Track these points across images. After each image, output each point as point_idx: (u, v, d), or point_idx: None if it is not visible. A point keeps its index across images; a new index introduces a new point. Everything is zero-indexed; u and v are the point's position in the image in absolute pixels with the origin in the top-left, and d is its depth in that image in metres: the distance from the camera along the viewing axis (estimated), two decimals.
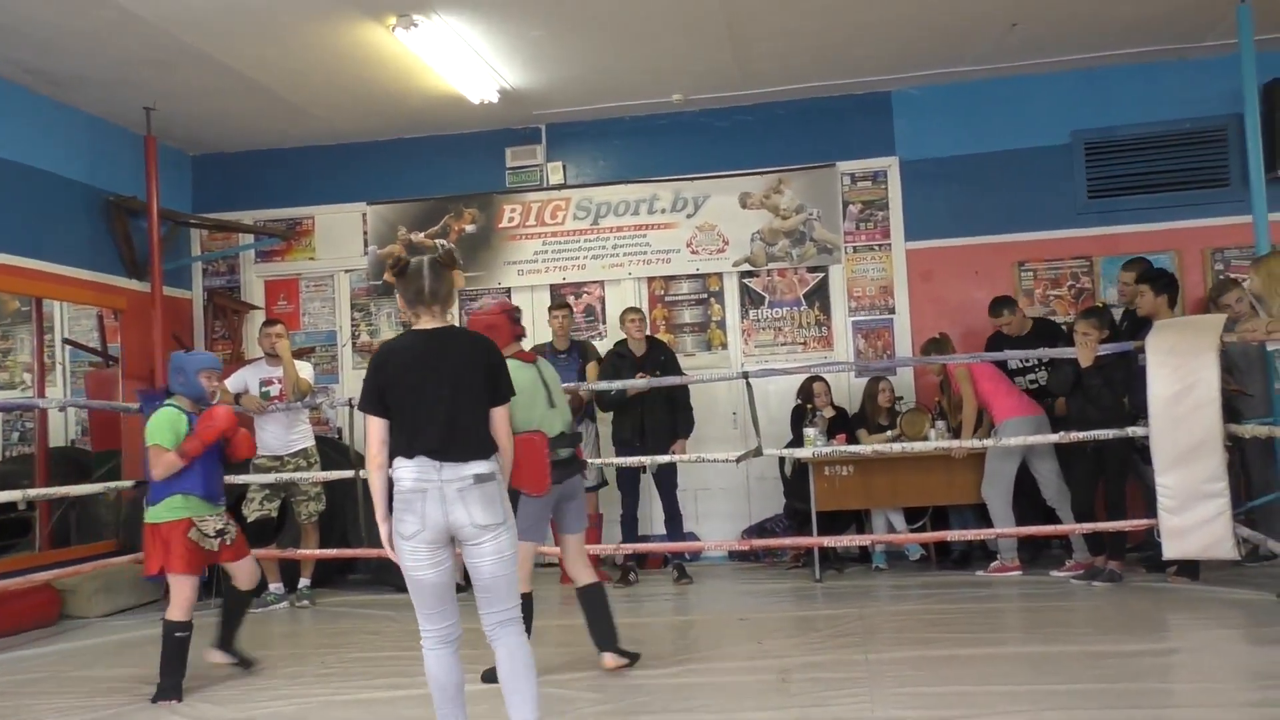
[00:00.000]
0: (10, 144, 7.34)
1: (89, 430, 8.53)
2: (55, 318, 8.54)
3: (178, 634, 4.75)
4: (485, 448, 3.40)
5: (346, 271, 9.14)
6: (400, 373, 3.39)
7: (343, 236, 9.12)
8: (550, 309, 7.84)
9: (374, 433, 3.39)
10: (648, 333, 7.67)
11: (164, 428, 4.80)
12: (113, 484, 7.33)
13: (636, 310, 7.60)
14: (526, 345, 5.13)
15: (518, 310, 5.01)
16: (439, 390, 3.36)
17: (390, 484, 3.40)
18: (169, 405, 4.94)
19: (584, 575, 4.85)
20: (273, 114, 8.21)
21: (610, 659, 4.80)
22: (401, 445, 3.36)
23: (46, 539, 7.55)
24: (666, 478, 7.33)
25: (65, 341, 8.73)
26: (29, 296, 7.67)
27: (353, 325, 9.13)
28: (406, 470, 3.33)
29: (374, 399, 3.41)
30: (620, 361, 7.38)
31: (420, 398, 3.35)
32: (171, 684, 4.70)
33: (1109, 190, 8.04)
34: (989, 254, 8.21)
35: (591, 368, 7.61)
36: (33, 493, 6.87)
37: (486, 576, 3.37)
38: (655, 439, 7.19)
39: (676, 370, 7.46)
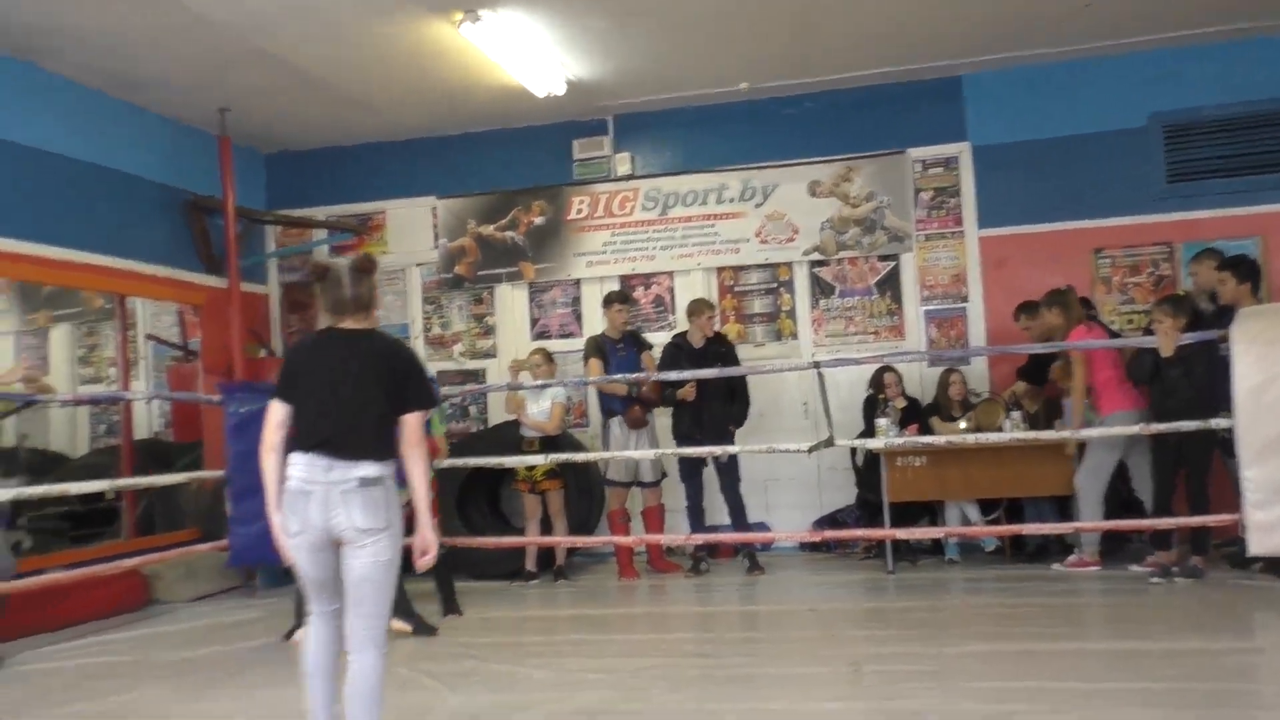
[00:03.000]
0: (92, 148, 7.60)
1: (171, 422, 8.80)
2: (138, 314, 8.80)
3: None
4: (380, 452, 3.35)
5: (418, 265, 9.28)
6: (310, 366, 3.46)
7: (414, 230, 9.26)
8: (615, 303, 7.75)
9: (271, 415, 3.44)
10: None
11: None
12: (195, 474, 7.56)
13: (712, 306, 7.64)
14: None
15: None
16: (343, 389, 3.38)
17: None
18: None
19: None
20: (342, 111, 8.38)
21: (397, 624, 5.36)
22: (299, 438, 3.39)
23: (133, 527, 7.83)
24: (728, 472, 7.30)
25: (148, 337, 8.99)
26: (113, 294, 7.93)
27: (425, 318, 9.27)
28: (297, 468, 3.34)
29: (281, 385, 3.47)
30: (677, 353, 7.38)
31: (323, 393, 3.39)
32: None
33: (1189, 174, 7.85)
34: (1065, 241, 8.06)
35: (647, 356, 7.61)
36: (120, 483, 7.13)
37: (356, 579, 3.30)
38: (714, 430, 7.20)
39: (735, 362, 7.45)
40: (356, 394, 3.38)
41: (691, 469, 7.41)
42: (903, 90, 8.34)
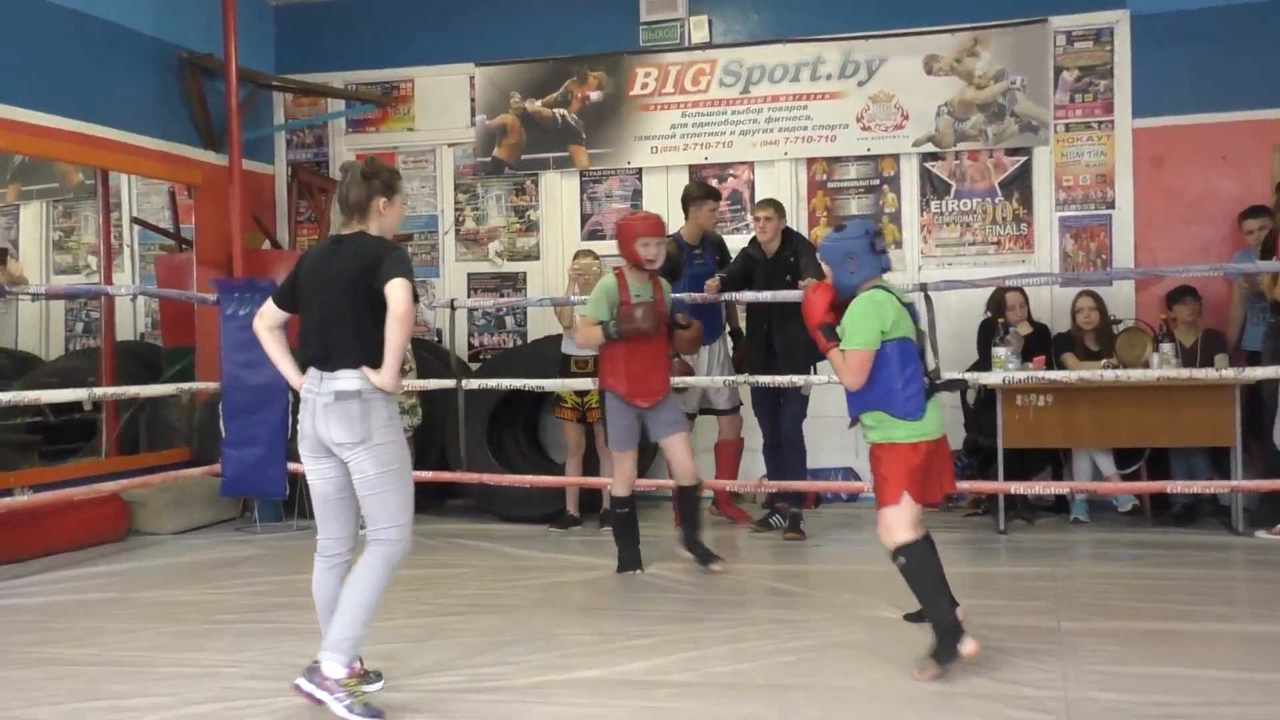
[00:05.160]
0: None
1: (160, 323, 8.93)
2: (123, 193, 8.89)
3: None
4: (360, 360, 3.79)
5: (450, 145, 9.25)
6: (306, 275, 3.95)
7: (447, 104, 9.21)
8: (709, 200, 7.45)
9: (263, 311, 4.07)
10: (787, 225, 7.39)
11: None
12: (187, 385, 7.68)
13: (767, 204, 7.19)
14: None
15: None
16: (324, 298, 3.86)
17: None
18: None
19: (683, 477, 6.04)
20: None
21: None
22: (300, 351, 3.97)
23: (114, 445, 8.00)
24: (792, 404, 7.09)
25: (134, 221, 9.11)
26: (93, 168, 8.01)
27: (456, 209, 9.26)
28: (307, 379, 3.91)
29: (279, 290, 4.06)
30: (750, 264, 7.17)
31: (309, 305, 3.91)
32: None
33: None
34: (1241, 134, 7.81)
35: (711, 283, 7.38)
36: (99, 391, 7.26)
37: (354, 489, 3.88)
38: (787, 360, 6.99)
39: (815, 270, 7.14)
40: (332, 302, 3.84)
41: (767, 402, 7.28)
42: None
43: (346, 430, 3.77)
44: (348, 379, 3.78)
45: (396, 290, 3.73)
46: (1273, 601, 5.37)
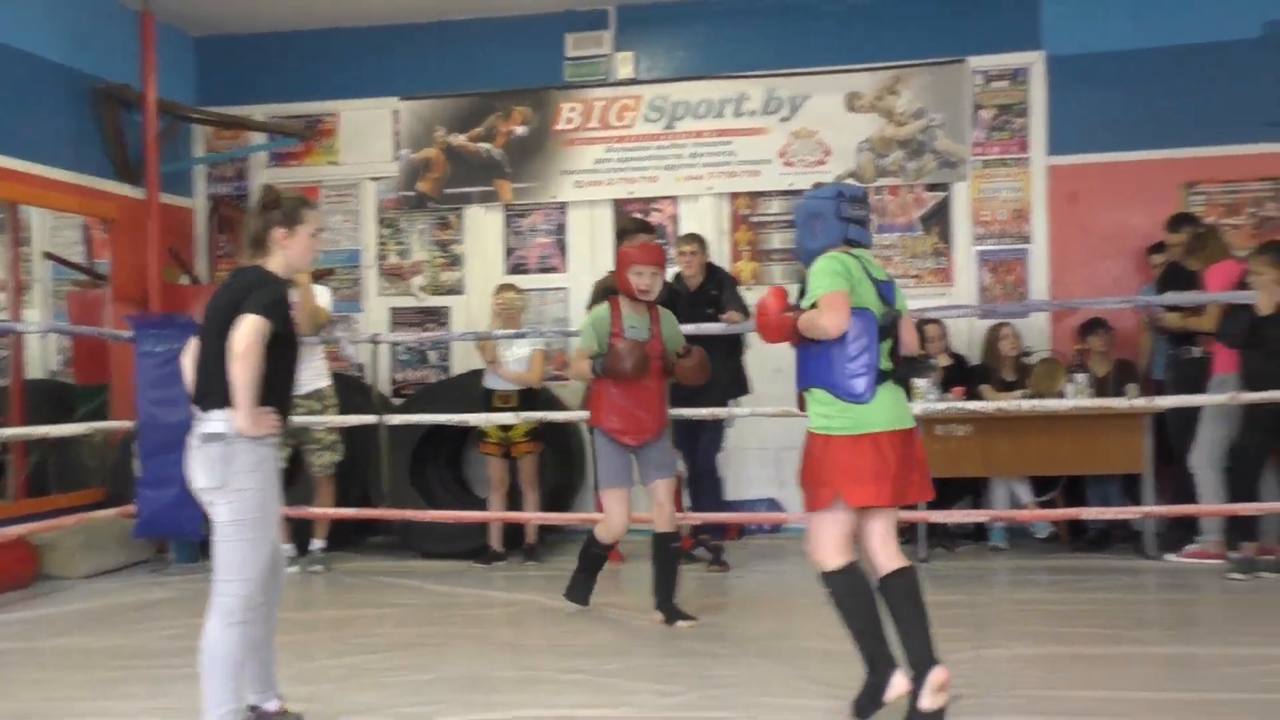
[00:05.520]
0: None
1: (72, 361, 8.76)
2: (33, 227, 8.73)
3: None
4: (224, 401, 3.64)
5: (374, 179, 9.20)
6: (203, 313, 3.85)
7: (370, 137, 9.17)
8: (631, 232, 7.24)
9: (191, 342, 3.94)
10: (709, 261, 7.45)
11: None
12: (100, 424, 7.54)
13: (691, 239, 7.31)
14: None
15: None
16: (204, 334, 3.78)
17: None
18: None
19: (661, 523, 5.64)
20: None
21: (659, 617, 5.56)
22: None
23: (21, 487, 7.80)
24: (707, 437, 7.17)
25: (45, 255, 8.93)
26: (2, 201, 7.84)
27: (380, 243, 9.22)
28: None
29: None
30: (673, 297, 7.19)
31: (200, 342, 3.82)
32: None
33: None
34: (1151, 172, 8.01)
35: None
36: (6, 432, 7.09)
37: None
38: (706, 392, 6.98)
39: (736, 304, 7.10)
40: (208, 339, 3.74)
41: (685, 436, 7.30)
42: None
43: (206, 474, 3.67)
44: (214, 421, 3.65)
45: (239, 327, 3.56)
46: (1183, 623, 5.51)
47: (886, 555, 3.91)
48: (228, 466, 3.63)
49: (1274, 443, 6.36)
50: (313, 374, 7.30)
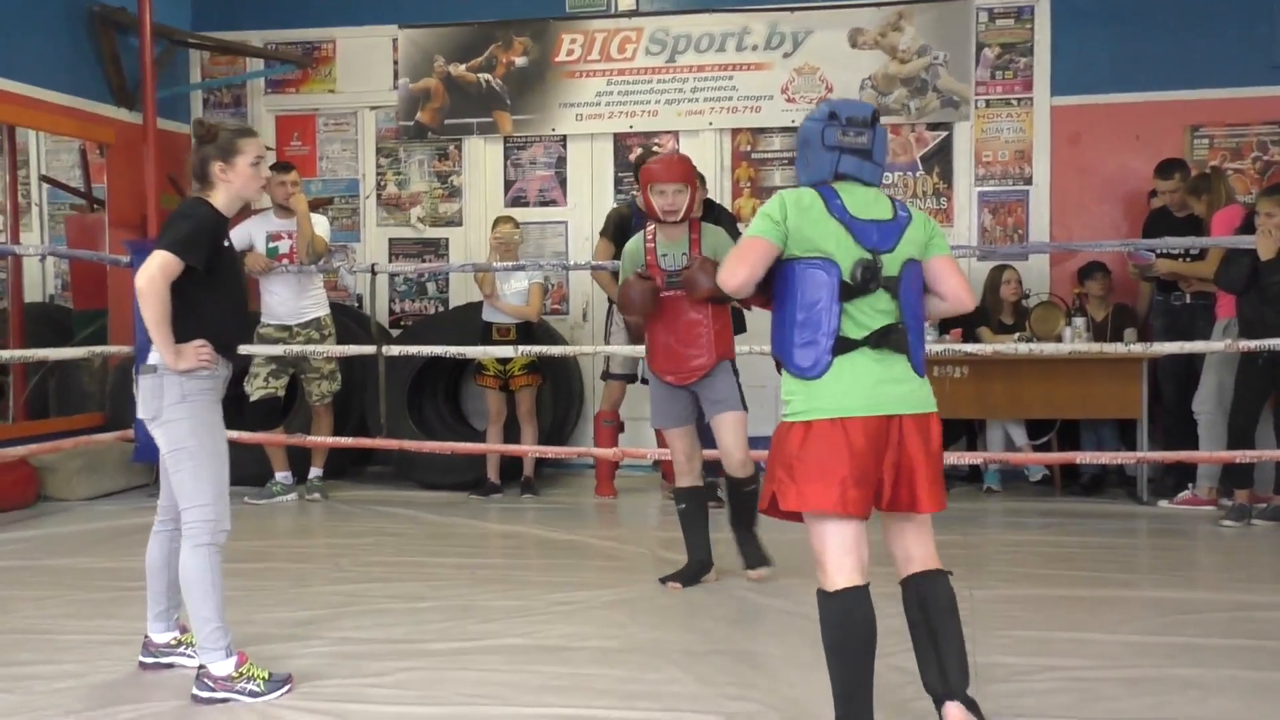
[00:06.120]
0: None
1: (70, 285, 8.73)
2: (30, 150, 8.67)
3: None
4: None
5: (372, 109, 9.12)
6: None
7: (369, 66, 9.07)
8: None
9: None
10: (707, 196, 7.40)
11: None
12: (99, 348, 7.54)
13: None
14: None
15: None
16: None
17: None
18: None
19: (730, 466, 5.05)
20: None
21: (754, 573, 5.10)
22: None
23: (21, 409, 7.82)
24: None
25: (42, 179, 8.88)
26: None
27: (378, 173, 9.15)
28: None
29: None
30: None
31: None
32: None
33: None
34: (1155, 115, 7.96)
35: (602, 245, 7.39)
36: (5, 354, 7.09)
37: None
38: None
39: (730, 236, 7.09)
40: None
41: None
42: None
43: (142, 405, 3.76)
44: (151, 353, 3.71)
45: (143, 264, 3.59)
46: (1173, 568, 5.54)
47: (910, 557, 3.17)
48: (159, 399, 3.69)
49: (1269, 390, 6.36)
50: (313, 303, 7.29)
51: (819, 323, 3.01)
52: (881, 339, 3.02)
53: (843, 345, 3.00)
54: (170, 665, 3.93)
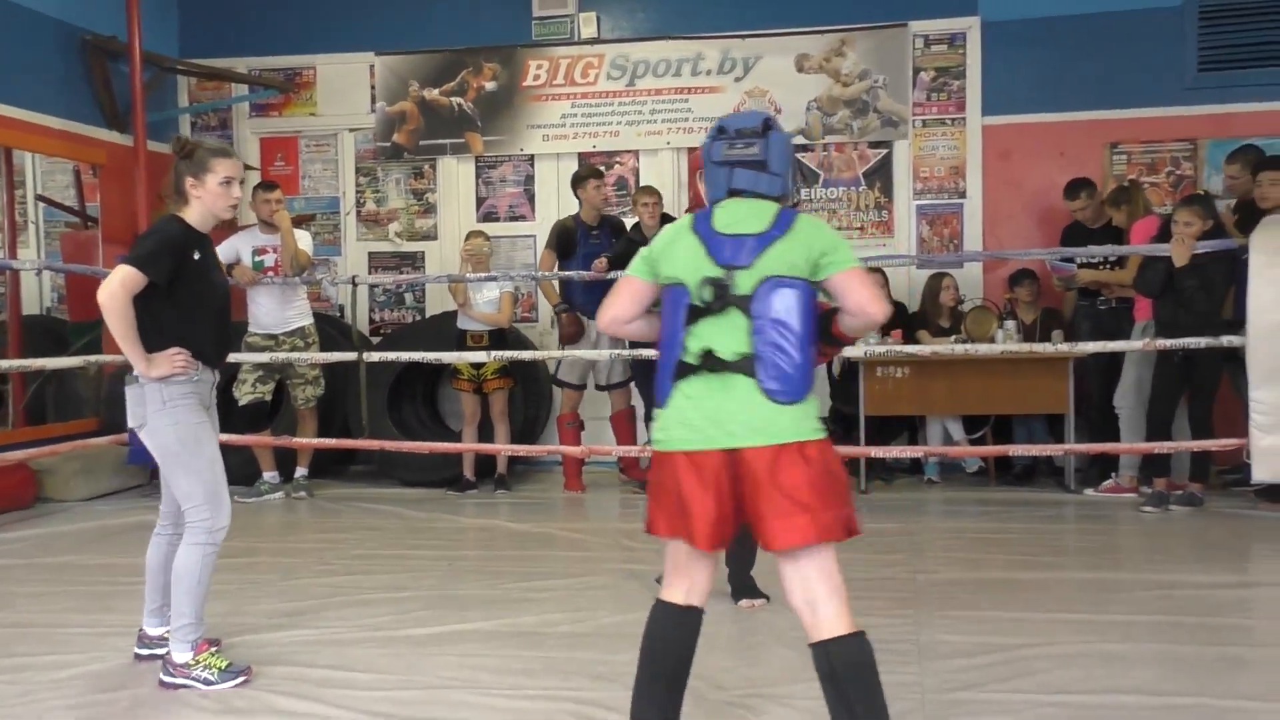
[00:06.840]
0: None
1: (65, 298, 8.62)
2: (27, 171, 8.57)
3: None
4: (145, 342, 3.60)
5: (351, 131, 9.07)
6: None
7: (348, 91, 9.01)
8: (589, 179, 7.53)
9: None
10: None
11: None
12: (94, 357, 7.44)
13: (652, 191, 7.36)
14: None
15: None
16: None
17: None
18: None
19: None
20: None
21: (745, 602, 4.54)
22: None
23: (21, 415, 7.72)
24: (647, 370, 7.07)
25: (38, 198, 8.78)
26: None
27: (358, 191, 9.10)
28: None
29: None
30: (633, 247, 7.06)
31: None
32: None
33: (1224, 63, 7.77)
34: (1078, 133, 8.02)
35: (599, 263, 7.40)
36: (4, 364, 6.99)
37: None
38: None
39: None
40: None
41: (644, 372, 7.31)
42: None
43: (131, 414, 3.73)
44: None
45: (107, 279, 3.54)
46: (1098, 551, 5.60)
47: (816, 614, 2.68)
48: (142, 407, 3.66)
49: (1184, 385, 6.43)
50: (297, 313, 7.25)
51: (671, 348, 2.77)
52: (712, 363, 2.69)
53: (681, 370, 2.74)
54: (164, 657, 3.87)
